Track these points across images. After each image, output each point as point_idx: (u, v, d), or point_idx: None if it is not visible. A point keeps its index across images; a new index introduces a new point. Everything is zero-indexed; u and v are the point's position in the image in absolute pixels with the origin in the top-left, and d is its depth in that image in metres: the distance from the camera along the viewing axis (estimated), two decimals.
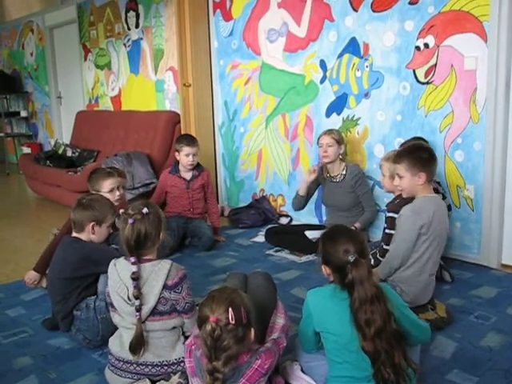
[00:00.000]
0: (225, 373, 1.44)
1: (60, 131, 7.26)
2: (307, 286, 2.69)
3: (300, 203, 3.52)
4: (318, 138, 3.40)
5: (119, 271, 1.85)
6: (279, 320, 1.79)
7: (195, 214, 3.64)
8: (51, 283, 2.28)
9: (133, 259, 1.81)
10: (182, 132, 4.50)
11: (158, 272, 1.81)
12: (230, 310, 1.44)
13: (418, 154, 2.26)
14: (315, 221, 3.90)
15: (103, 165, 4.26)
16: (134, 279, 1.79)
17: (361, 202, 3.37)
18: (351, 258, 1.59)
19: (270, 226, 3.79)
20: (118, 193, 2.86)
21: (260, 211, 4.16)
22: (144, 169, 4.41)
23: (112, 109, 6.01)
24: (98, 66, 6.14)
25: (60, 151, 5.76)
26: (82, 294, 2.19)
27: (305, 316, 1.75)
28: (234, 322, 1.44)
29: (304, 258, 3.29)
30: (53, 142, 6.34)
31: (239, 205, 4.49)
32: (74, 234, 2.28)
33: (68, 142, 6.14)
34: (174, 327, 1.87)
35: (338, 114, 3.63)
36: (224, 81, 4.48)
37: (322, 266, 1.71)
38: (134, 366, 1.85)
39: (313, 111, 3.81)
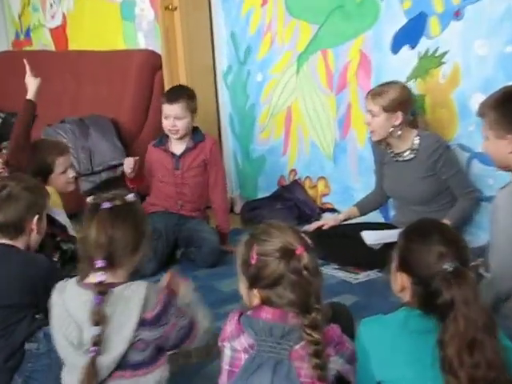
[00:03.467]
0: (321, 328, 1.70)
1: None
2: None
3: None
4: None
5: (67, 302, 1.87)
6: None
7: (190, 211, 3.71)
8: None
9: (100, 263, 1.84)
10: (166, 83, 4.55)
11: (128, 301, 1.83)
12: (304, 236, 1.80)
13: (509, 105, 2.32)
14: (378, 217, 3.93)
15: (44, 136, 4.35)
16: (100, 293, 1.81)
17: (448, 189, 3.40)
18: (449, 267, 1.63)
19: (307, 227, 3.84)
20: None
21: (291, 204, 4.21)
22: (108, 143, 4.48)
23: (53, 48, 6.06)
24: None
25: None
26: (37, 320, 2.26)
27: (360, 358, 1.79)
28: (313, 246, 1.78)
29: (362, 276, 3.35)
30: None
31: (258, 195, 4.54)
32: (1, 240, 2.37)
33: None
34: None
35: (412, 46, 3.63)
36: (229, 1, 4.54)
37: (398, 274, 1.77)
38: None
39: (371, 44, 3.82)
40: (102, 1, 5.52)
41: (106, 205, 1.88)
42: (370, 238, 3.31)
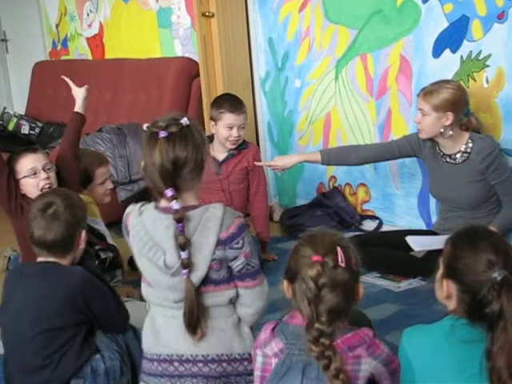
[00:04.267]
0: (330, 336, 1.66)
1: (8, 95, 7.38)
2: None
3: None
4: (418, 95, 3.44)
5: (147, 225, 1.98)
6: None
7: None
8: (16, 341, 2.33)
9: (170, 192, 1.92)
10: (203, 90, 4.59)
11: (206, 222, 1.94)
12: (339, 249, 1.71)
13: None
14: (419, 224, 3.93)
15: (82, 145, 4.43)
16: (177, 221, 1.91)
17: (496, 195, 3.37)
18: (498, 276, 1.62)
19: (347, 235, 3.84)
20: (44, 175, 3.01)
21: (331, 211, 4.22)
22: None
23: (90, 57, 6.14)
24: None
25: (10, 127, 5.88)
26: (84, 350, 2.28)
27: (403, 369, 1.77)
28: (343, 265, 1.70)
29: (404, 285, 3.34)
30: None
31: (297, 203, 4.57)
32: (49, 259, 2.38)
33: (23, 113, 6.27)
34: (231, 300, 2.03)
35: (454, 50, 3.63)
36: (267, 6, 4.54)
37: (444, 281, 1.75)
38: (176, 364, 1.99)
39: (411, 48, 3.82)
40: (138, 9, 5.58)
41: (164, 134, 1.93)
42: (416, 243, 3.29)
